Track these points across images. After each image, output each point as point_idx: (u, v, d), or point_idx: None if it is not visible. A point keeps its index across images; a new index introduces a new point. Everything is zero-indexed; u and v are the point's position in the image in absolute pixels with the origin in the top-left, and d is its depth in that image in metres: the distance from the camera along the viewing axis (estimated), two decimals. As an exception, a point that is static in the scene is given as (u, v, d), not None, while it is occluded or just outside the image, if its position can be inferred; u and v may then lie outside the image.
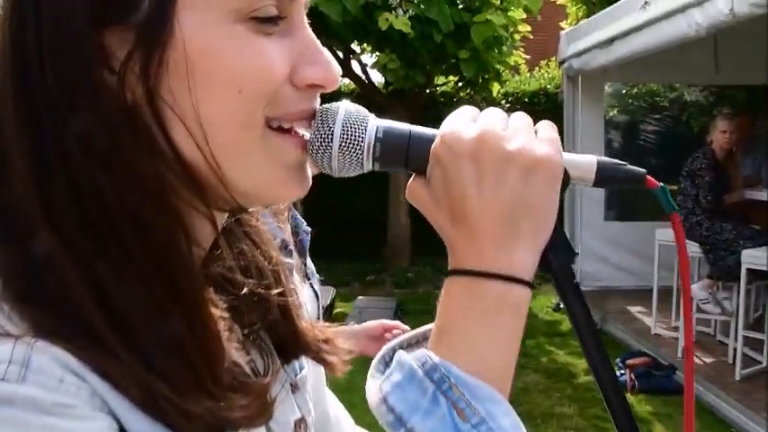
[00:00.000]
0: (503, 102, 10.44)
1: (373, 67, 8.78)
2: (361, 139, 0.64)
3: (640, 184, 0.67)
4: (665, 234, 5.79)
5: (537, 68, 12.11)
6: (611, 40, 6.15)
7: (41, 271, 0.53)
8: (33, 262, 0.53)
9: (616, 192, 7.92)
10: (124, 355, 0.52)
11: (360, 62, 8.98)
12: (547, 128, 0.65)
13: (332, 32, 7.49)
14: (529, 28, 8.84)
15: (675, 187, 5.86)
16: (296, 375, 0.78)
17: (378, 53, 8.34)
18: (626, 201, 8.12)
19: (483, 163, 0.61)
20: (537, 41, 10.74)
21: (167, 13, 0.55)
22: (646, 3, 5.34)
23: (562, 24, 11.20)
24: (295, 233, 1.86)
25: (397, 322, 2.13)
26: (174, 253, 0.56)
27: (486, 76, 9.01)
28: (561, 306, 4.35)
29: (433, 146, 0.63)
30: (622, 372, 5.18)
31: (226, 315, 0.63)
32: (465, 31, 7.54)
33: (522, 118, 0.65)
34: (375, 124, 0.66)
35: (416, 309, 7.57)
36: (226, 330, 0.62)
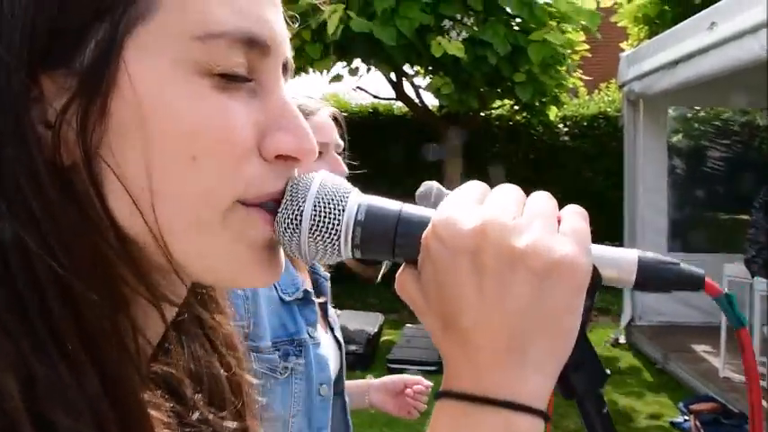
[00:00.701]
0: (560, 125, 10.13)
1: (426, 89, 8.61)
2: (337, 221, 0.54)
3: (697, 289, 0.55)
4: (734, 269, 5.41)
5: (597, 91, 11.75)
6: (675, 63, 5.85)
7: None
8: None
9: (680, 220, 7.54)
10: None
11: (413, 84, 8.83)
12: (573, 216, 0.53)
13: (383, 56, 7.37)
14: (587, 47, 8.54)
15: (746, 217, 5.51)
16: None
17: (431, 76, 8.17)
18: (692, 231, 7.72)
19: (484, 263, 0.50)
20: (597, 63, 10.41)
21: (114, 59, 0.46)
22: (713, 23, 5.03)
23: (623, 45, 10.85)
24: (314, 280, 1.67)
25: (420, 378, 1.91)
26: (110, 341, 0.47)
27: (544, 100, 8.76)
28: (620, 341, 4.07)
29: (423, 235, 0.53)
30: (686, 418, 4.82)
31: (167, 420, 0.53)
32: (520, 54, 7.31)
33: (542, 201, 0.53)
34: (357, 202, 0.55)
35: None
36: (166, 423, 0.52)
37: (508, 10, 7.05)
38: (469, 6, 7.04)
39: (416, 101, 9.03)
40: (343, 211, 0.53)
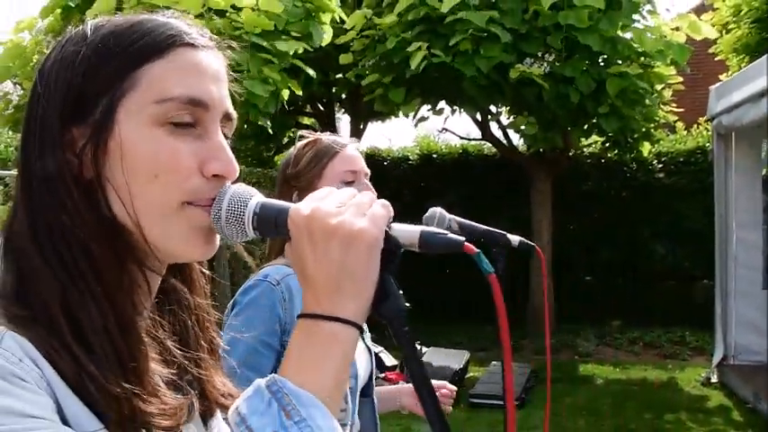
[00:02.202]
0: (654, 162, 9.94)
1: (509, 127, 8.72)
2: (242, 213, 0.81)
3: (460, 250, 0.78)
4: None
5: (696, 126, 11.44)
6: (760, 95, 5.71)
7: (26, 281, 0.76)
8: (22, 273, 0.77)
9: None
10: (73, 345, 0.72)
11: (499, 123, 8.95)
12: (377, 206, 0.79)
13: (465, 97, 7.56)
14: (680, 79, 8.41)
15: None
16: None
17: (515, 116, 8.29)
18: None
19: (313, 235, 0.76)
20: (697, 97, 10.19)
21: (111, 118, 0.79)
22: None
23: (722, 77, 10.57)
24: None
25: (444, 383, 2.05)
26: (116, 284, 0.78)
27: (636, 136, 8.67)
28: (711, 380, 4.05)
29: (288, 220, 0.80)
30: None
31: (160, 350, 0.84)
32: (603, 90, 7.31)
33: (361, 197, 0.79)
34: (256, 201, 0.82)
35: (553, 377, 7.20)
36: (158, 358, 0.83)
37: (591, 46, 7.08)
38: (550, 45, 7.14)
39: (503, 141, 9.14)
40: (246, 206, 0.81)
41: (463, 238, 0.77)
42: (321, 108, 9.69)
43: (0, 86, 5.15)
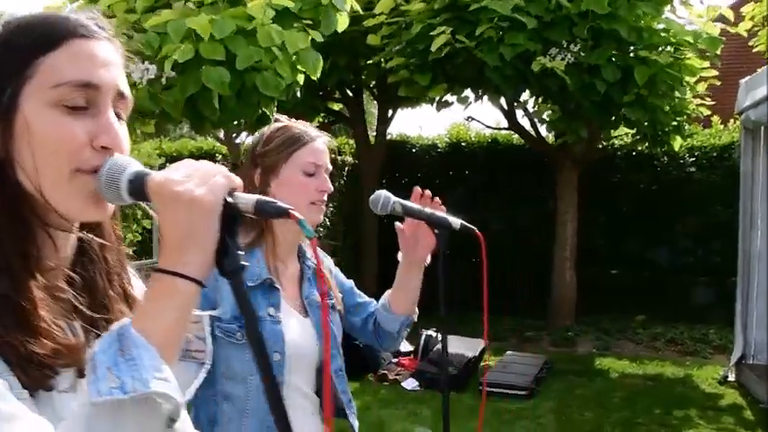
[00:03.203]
0: (686, 156, 9.74)
1: (534, 115, 8.63)
2: (118, 179, 0.92)
3: (286, 216, 0.91)
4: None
5: (733, 120, 11.16)
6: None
7: None
8: None
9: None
10: None
11: (526, 111, 8.88)
12: (219, 176, 0.90)
13: (489, 86, 7.53)
14: (715, 73, 8.22)
15: None
16: None
17: (539, 104, 8.21)
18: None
19: (164, 199, 0.89)
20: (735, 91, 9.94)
21: (15, 102, 0.91)
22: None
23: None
24: (301, 269, 1.96)
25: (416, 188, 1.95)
26: (12, 242, 0.91)
27: (666, 129, 8.50)
28: (729, 379, 4.04)
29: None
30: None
31: (66, 308, 0.97)
32: (630, 79, 7.20)
33: (206, 167, 0.91)
34: (132, 170, 0.92)
35: (568, 369, 7.20)
36: (63, 306, 0.95)
37: (620, 34, 6.97)
38: (575, 34, 7.06)
39: (531, 131, 9.06)
40: (122, 173, 0.91)
41: (289, 207, 0.91)
42: (350, 94, 9.73)
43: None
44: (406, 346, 7.46)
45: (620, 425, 5.64)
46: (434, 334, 7.52)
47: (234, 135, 7.21)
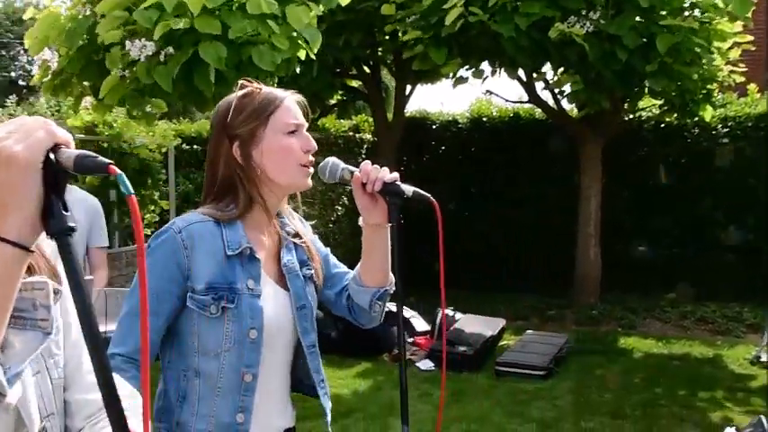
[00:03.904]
0: (719, 127, 9.34)
1: (555, 86, 8.34)
2: None
3: (104, 171, 0.84)
4: None
5: (770, 89, 10.69)
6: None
7: None
8: None
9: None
10: None
11: (546, 83, 8.58)
12: (40, 132, 0.86)
13: (506, 58, 7.27)
14: (750, 38, 7.83)
15: None
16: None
17: (558, 75, 7.92)
18: None
19: None
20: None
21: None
22: None
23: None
24: (280, 241, 1.83)
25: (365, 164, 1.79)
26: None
27: (696, 98, 8.15)
28: (762, 359, 3.78)
29: None
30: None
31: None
32: (653, 47, 6.87)
33: (31, 123, 0.87)
34: None
35: (590, 348, 6.98)
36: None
37: (639, 2, 6.65)
38: (594, 2, 6.76)
39: (553, 104, 8.78)
40: None
41: (108, 161, 0.85)
42: (367, 71, 9.53)
43: (39, 55, 5.22)
44: (422, 326, 7.31)
45: (641, 406, 5.42)
46: (451, 313, 7.35)
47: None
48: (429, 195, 1.73)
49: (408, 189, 1.73)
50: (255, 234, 1.75)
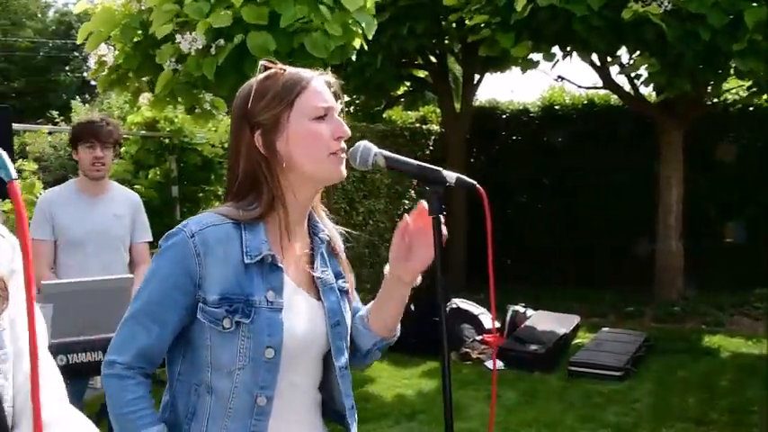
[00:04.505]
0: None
1: (631, 70, 7.88)
2: None
3: None
4: None
5: None
6: None
7: None
8: None
9: None
10: None
11: (622, 67, 8.13)
12: None
13: (578, 40, 6.90)
14: None
15: None
16: None
17: (634, 59, 7.47)
18: None
19: None
20: None
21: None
22: None
23: None
24: (312, 245, 1.63)
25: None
26: None
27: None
28: None
29: None
30: None
31: None
32: (740, 24, 6.36)
33: None
34: None
35: (671, 347, 6.55)
36: None
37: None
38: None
39: (629, 89, 8.32)
40: None
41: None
42: (433, 59, 9.28)
43: (95, 50, 5.21)
44: (489, 323, 7.03)
45: (728, 412, 5.00)
46: (522, 309, 7.05)
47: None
48: (474, 182, 1.51)
49: (451, 176, 1.51)
50: (281, 237, 1.54)
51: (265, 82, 1.53)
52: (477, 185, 1.51)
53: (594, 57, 7.72)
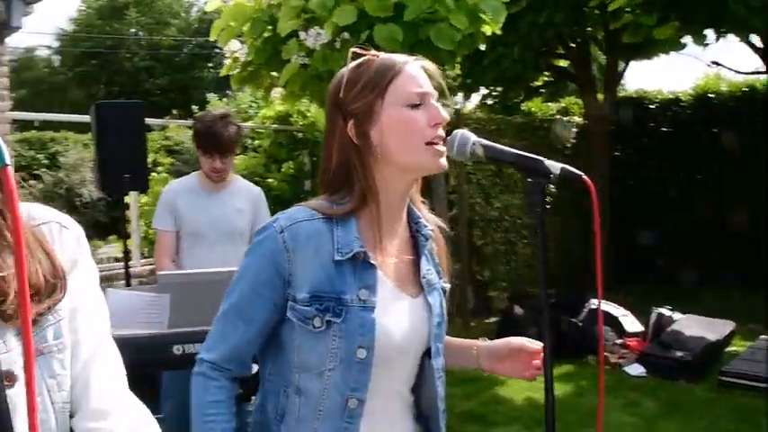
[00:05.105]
0: None
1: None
2: None
3: None
4: None
5: None
6: None
7: None
8: None
9: None
10: None
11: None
12: None
13: (733, 20, 6.32)
14: None
15: None
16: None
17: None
18: None
19: None
20: None
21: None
22: None
23: None
24: (414, 240, 1.59)
25: (524, 341, 1.64)
26: None
27: None
28: None
29: None
30: None
31: None
32: None
33: None
34: None
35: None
36: None
37: None
38: None
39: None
40: None
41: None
42: (574, 48, 8.87)
43: (228, 46, 5.34)
44: (635, 326, 6.61)
45: None
46: (668, 312, 6.56)
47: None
48: (581, 173, 1.39)
49: (555, 166, 1.41)
50: (375, 232, 1.48)
51: (357, 69, 1.47)
52: (584, 176, 1.41)
53: (755, 38, 7.05)
